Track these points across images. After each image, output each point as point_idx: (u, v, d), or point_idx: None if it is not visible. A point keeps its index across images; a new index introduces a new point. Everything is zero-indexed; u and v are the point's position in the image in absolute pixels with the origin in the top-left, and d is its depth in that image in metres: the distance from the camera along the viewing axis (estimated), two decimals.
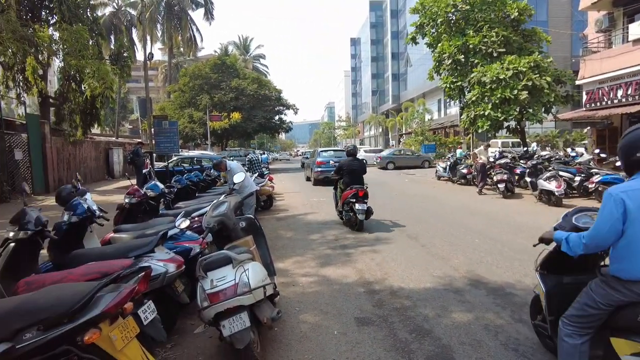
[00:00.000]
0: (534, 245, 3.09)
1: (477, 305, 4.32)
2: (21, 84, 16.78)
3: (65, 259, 3.74)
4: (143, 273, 2.79)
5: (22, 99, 17.21)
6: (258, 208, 10.73)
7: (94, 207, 4.59)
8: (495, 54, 17.17)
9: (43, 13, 17.05)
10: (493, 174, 13.52)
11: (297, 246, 7.12)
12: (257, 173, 12.61)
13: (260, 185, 10.51)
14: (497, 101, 16.01)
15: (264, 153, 35.96)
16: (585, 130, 24.71)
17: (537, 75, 15.72)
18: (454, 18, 18.92)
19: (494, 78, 15.91)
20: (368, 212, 8.12)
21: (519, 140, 20.92)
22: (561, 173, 11.67)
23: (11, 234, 3.63)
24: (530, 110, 16.61)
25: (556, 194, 10.42)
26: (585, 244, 2.38)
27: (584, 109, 19.79)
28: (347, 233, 7.98)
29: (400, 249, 6.67)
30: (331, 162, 15.05)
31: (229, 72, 35.21)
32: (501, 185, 12.60)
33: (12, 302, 2.32)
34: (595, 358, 2.58)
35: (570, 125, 32.38)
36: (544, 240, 2.88)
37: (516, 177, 13.87)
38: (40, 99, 17.47)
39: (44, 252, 4.24)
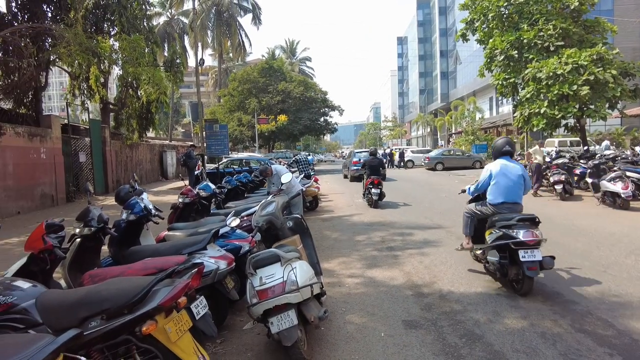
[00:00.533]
0: (459, 193, 6.13)
1: (532, 311, 4.10)
2: (85, 91, 18.06)
3: (124, 255, 3.97)
4: (196, 269, 2.91)
5: (86, 105, 18.50)
6: (304, 209, 10.86)
7: (150, 206, 4.83)
8: (552, 48, 16.22)
9: (105, 25, 18.25)
10: (549, 174, 12.80)
11: (342, 247, 7.11)
12: (304, 174, 12.92)
13: (305, 186, 10.62)
14: (553, 98, 15.12)
15: (309, 155, 36.31)
16: None
17: (601, 68, 14.67)
18: (506, 12, 18.10)
19: (551, 73, 15.03)
20: (380, 195, 11.50)
21: (578, 139, 19.64)
22: (628, 174, 10.82)
23: (77, 230, 3.91)
24: (592, 107, 15.53)
25: (622, 196, 9.68)
26: (476, 189, 5.39)
27: None
28: (394, 235, 7.86)
29: (450, 251, 6.47)
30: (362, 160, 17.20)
31: (276, 76, 35.89)
32: (558, 187, 11.89)
33: (79, 292, 2.50)
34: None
35: (639, 122, 30.01)
36: (462, 191, 5.78)
37: (575, 178, 13.05)
38: (101, 105, 18.71)
39: (104, 248, 4.53)
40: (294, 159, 15.07)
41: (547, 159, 14.07)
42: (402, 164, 31.79)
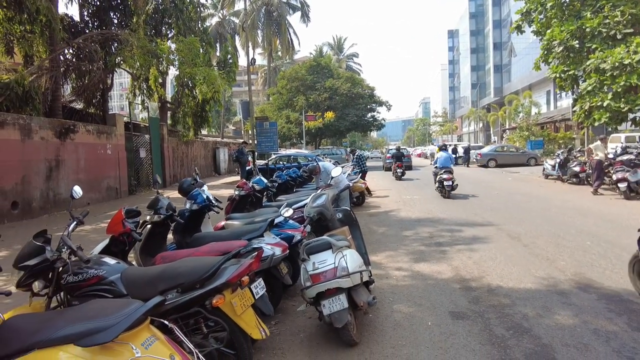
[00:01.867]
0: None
1: (585, 309, 4.03)
2: (145, 91, 19.25)
3: (187, 241, 4.35)
4: (256, 252, 3.19)
5: (146, 104, 19.72)
6: (351, 204, 11.02)
7: (211, 197, 5.21)
8: (619, 36, 15.17)
9: (163, 28, 19.34)
10: (612, 172, 12.08)
11: (390, 241, 7.21)
12: (363, 169, 14.20)
13: (353, 182, 10.78)
14: (619, 90, 14.19)
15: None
16: None
17: None
18: (567, 0, 17.18)
19: (617, 64, 14.12)
20: (403, 171, 17.89)
21: None
22: None
23: (148, 217, 4.33)
24: None
25: None
26: (436, 162, 13.24)
27: None
28: (442, 231, 7.84)
29: (500, 248, 6.40)
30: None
31: (323, 73, 36.22)
32: (622, 185, 11.22)
33: (158, 269, 2.84)
34: None
35: None
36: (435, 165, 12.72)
37: None
38: (160, 104, 19.85)
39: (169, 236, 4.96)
40: (356, 156, 15.87)
41: (610, 156, 13.26)
42: (466, 160, 29.54)
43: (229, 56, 21.98)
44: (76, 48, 13.73)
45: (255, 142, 16.97)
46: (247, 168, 14.96)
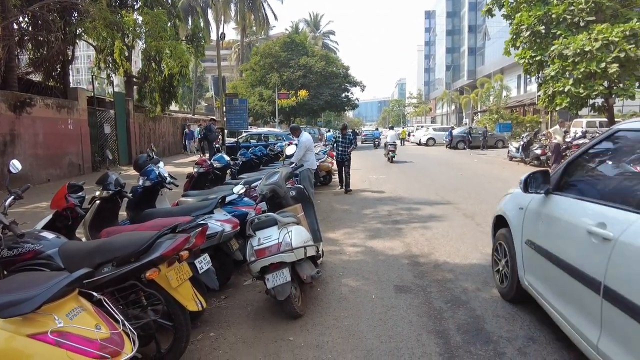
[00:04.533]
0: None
1: None
2: (110, 65, 18.56)
3: (139, 217, 4.34)
4: (200, 228, 3.23)
5: (111, 78, 19.04)
6: (317, 183, 11.12)
7: (165, 174, 5.16)
8: (582, 24, 15.59)
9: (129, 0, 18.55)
10: (568, 155, 12.59)
11: (350, 219, 7.37)
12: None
13: (319, 161, 10.85)
14: (580, 76, 14.64)
15: (329, 131, 36.32)
16: None
17: (633, 45, 14.06)
18: None
19: (578, 50, 14.53)
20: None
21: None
22: None
23: (97, 193, 4.29)
24: (621, 85, 15.00)
25: None
26: (386, 142, 18.65)
27: None
28: (401, 210, 8.06)
29: (453, 226, 6.65)
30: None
31: (298, 50, 35.67)
32: None
33: (95, 243, 2.86)
34: None
35: None
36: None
37: None
38: (126, 78, 19.21)
39: (123, 213, 4.92)
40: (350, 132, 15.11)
41: (568, 139, 13.81)
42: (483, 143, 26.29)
43: (199, 30, 21.41)
44: (32, 16, 13.03)
45: (225, 119, 16.71)
46: (216, 146, 14.78)
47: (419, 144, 33.13)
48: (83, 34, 14.59)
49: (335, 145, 11.08)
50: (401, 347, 3.12)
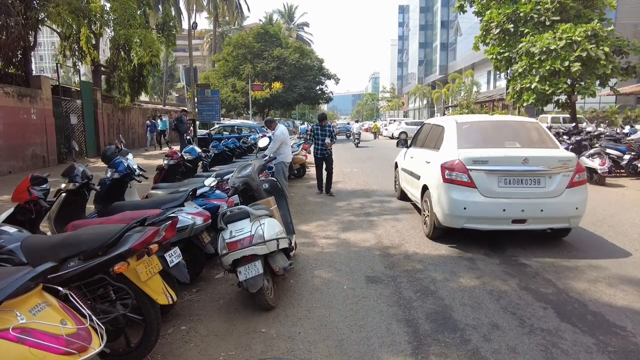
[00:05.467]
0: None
1: (486, 272, 4.44)
2: (76, 53, 17.85)
3: (107, 210, 4.23)
4: (170, 221, 3.18)
5: (77, 67, 18.33)
6: (291, 176, 11.11)
7: (134, 166, 5.04)
8: (548, 23, 16.13)
9: None
10: None
11: (323, 212, 7.41)
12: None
13: (293, 153, 10.82)
14: (545, 73, 15.16)
15: (303, 124, 36.24)
16: None
17: (594, 45, 14.66)
18: None
19: (544, 48, 15.02)
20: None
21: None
22: (608, 150, 11.12)
23: (62, 186, 4.15)
24: (582, 84, 15.62)
25: (599, 172, 9.99)
26: (353, 132, 16.66)
27: None
28: (373, 202, 8.17)
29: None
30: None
31: (272, 41, 35.29)
32: None
33: (60, 236, 2.77)
34: None
35: (634, 101, 30.06)
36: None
37: None
38: (93, 67, 18.54)
39: (91, 207, 4.79)
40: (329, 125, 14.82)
41: None
42: None
43: (170, 19, 20.82)
44: None
45: (196, 110, 16.39)
46: (187, 137, 14.50)
47: (392, 137, 33.52)
48: (46, 19, 13.97)
49: (312, 138, 9.18)
50: (372, 336, 3.19)
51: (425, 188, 5.77)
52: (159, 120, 21.24)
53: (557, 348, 2.99)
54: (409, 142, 7.62)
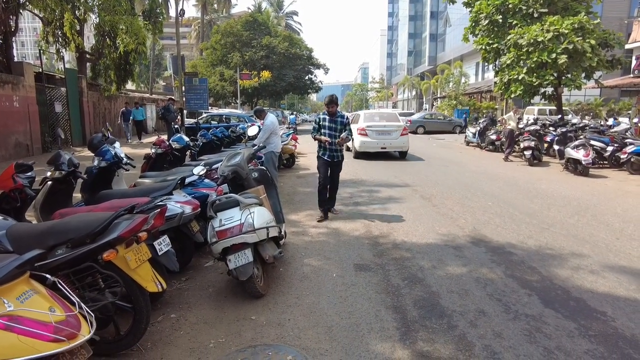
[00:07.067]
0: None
1: (473, 260, 4.52)
2: (60, 39, 17.42)
3: (94, 198, 4.18)
4: (159, 210, 3.16)
5: (61, 54, 17.90)
6: (280, 166, 11.08)
7: (121, 154, 5.00)
8: (536, 15, 16.24)
9: None
10: (521, 140, 13.22)
11: (312, 201, 7.38)
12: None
13: (283, 143, 10.78)
14: (533, 65, 15.30)
15: (292, 114, 36.07)
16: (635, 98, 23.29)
17: (580, 37, 14.82)
18: None
19: (532, 40, 15.14)
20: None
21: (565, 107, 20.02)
22: (592, 142, 11.31)
23: (48, 174, 4.10)
24: (569, 76, 15.82)
25: (583, 163, 10.17)
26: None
27: (632, 75, 18.68)
28: (362, 192, 8.21)
29: (411, 208, 6.87)
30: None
31: (261, 30, 34.90)
32: (527, 153, 12.35)
33: (48, 224, 2.74)
34: None
35: (618, 94, 30.49)
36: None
37: (545, 145, 13.53)
38: (78, 54, 18.12)
39: (78, 195, 4.73)
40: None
41: (521, 125, 14.46)
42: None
43: (157, 6, 20.40)
44: None
45: (184, 99, 16.20)
46: (174, 126, 14.35)
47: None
48: (27, 3, 13.59)
49: (318, 131, 6.15)
50: (360, 322, 3.24)
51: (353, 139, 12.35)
52: (134, 109, 18.60)
53: (541, 333, 3.07)
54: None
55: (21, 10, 14.69)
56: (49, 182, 4.09)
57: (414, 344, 2.94)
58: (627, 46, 18.12)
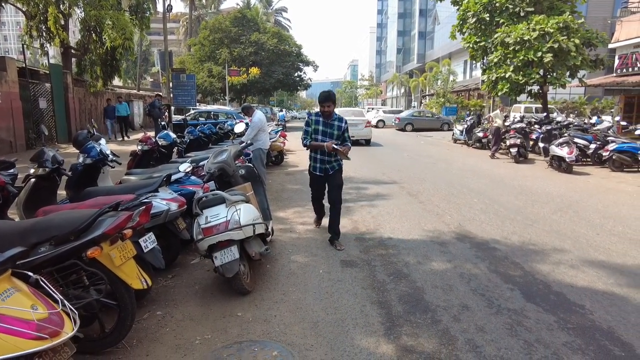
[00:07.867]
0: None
1: (458, 256, 4.59)
2: (44, 34, 17.10)
3: (79, 195, 4.14)
4: (144, 207, 3.15)
5: (45, 49, 17.58)
6: (269, 163, 11.07)
7: (107, 151, 4.94)
8: (522, 14, 16.44)
9: None
10: (507, 138, 13.40)
11: (300, 198, 7.44)
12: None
13: (271, 140, 10.77)
14: (519, 63, 15.51)
15: (281, 110, 35.97)
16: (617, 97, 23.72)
17: (565, 37, 15.05)
18: None
19: (518, 39, 15.33)
20: None
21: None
22: (576, 140, 11.52)
23: (32, 171, 4.04)
24: (554, 74, 16.06)
25: (567, 160, 10.35)
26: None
27: (615, 74, 19.00)
28: (350, 189, 8.24)
29: (398, 204, 6.93)
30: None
31: (249, 26, 34.67)
32: (513, 150, 12.53)
33: (30, 222, 2.71)
34: None
35: (601, 92, 31.00)
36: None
37: (531, 143, 13.73)
38: (62, 49, 17.82)
39: (62, 192, 4.68)
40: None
41: (507, 123, 14.64)
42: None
43: (144, 1, 20.14)
44: None
45: (172, 95, 16.03)
46: (161, 123, 14.20)
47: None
48: None
49: (307, 137, 4.88)
50: (346, 317, 3.28)
51: None
52: (117, 104, 17.81)
53: (522, 326, 3.15)
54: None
55: (3, 4, 14.40)
56: (32, 179, 4.04)
57: (398, 339, 2.99)
58: (610, 46, 18.43)
